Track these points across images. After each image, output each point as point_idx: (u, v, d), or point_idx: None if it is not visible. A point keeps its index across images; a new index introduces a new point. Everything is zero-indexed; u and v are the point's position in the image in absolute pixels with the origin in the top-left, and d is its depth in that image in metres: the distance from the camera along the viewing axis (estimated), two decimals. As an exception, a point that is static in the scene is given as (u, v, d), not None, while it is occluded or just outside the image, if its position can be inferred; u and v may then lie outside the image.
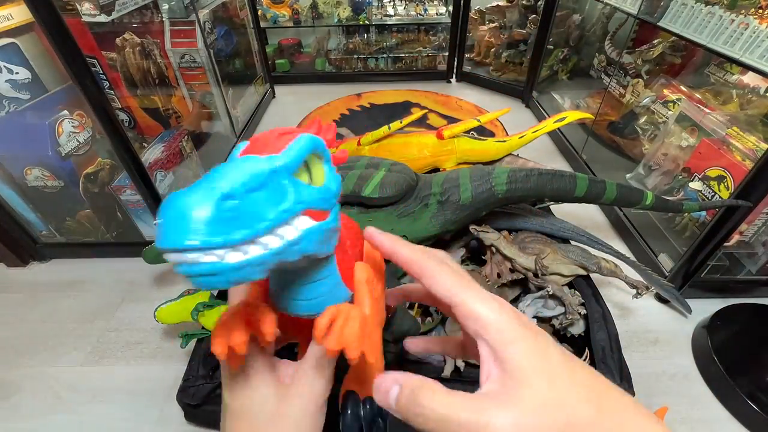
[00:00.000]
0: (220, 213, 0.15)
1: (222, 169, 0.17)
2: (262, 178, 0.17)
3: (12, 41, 0.93)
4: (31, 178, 1.02)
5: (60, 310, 1.06)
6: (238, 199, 0.16)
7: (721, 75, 1.25)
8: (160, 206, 0.16)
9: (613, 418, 0.19)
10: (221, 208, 0.15)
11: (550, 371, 0.19)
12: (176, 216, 0.15)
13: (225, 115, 1.64)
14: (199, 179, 0.17)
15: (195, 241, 0.15)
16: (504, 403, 0.18)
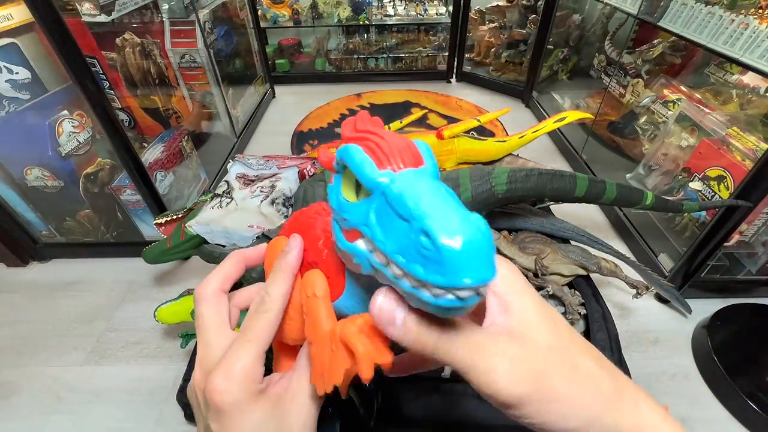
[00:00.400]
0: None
1: (446, 194, 0.16)
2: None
3: (12, 41, 0.93)
4: (31, 178, 1.02)
5: (60, 310, 1.06)
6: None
7: (721, 75, 1.25)
8: (442, 246, 0.14)
9: (613, 375, 0.19)
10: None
11: (554, 322, 0.20)
12: (483, 250, 0.14)
13: (225, 115, 1.64)
14: (440, 199, 0.15)
15: (491, 276, 0.14)
16: (511, 339, 0.18)
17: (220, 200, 0.83)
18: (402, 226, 0.15)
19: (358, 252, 0.18)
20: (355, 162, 0.17)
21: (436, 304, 0.15)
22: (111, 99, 1.02)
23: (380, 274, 0.17)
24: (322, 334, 0.20)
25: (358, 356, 0.18)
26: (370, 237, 0.17)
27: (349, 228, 0.18)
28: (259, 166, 0.92)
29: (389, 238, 0.16)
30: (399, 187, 0.16)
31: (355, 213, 0.17)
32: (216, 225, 0.79)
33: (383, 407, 0.67)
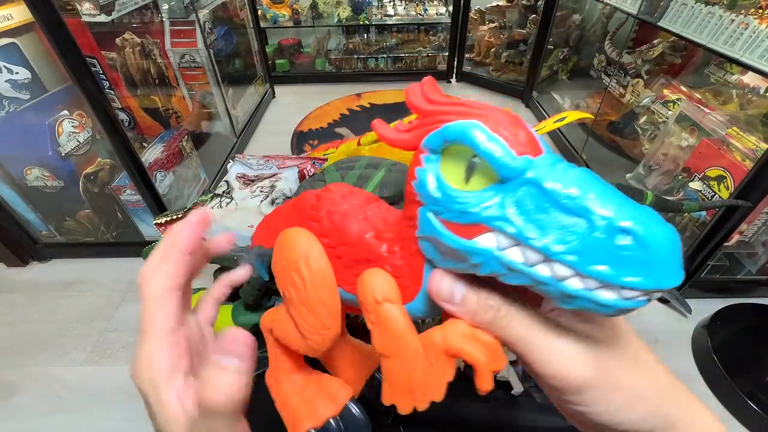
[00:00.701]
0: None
1: (609, 185, 0.14)
2: None
3: (12, 41, 0.93)
4: (31, 178, 1.02)
5: (60, 310, 1.06)
6: None
7: (721, 75, 1.25)
8: (650, 242, 0.12)
9: (668, 371, 0.19)
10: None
11: (632, 334, 0.19)
12: (674, 253, 0.13)
13: (225, 114, 1.64)
14: (612, 192, 0.13)
15: (682, 276, 0.13)
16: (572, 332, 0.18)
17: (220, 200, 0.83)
18: (567, 221, 0.13)
19: (481, 251, 0.15)
20: (486, 143, 0.14)
21: (619, 307, 0.13)
22: (111, 99, 1.02)
23: (512, 275, 0.15)
24: (410, 348, 0.18)
25: (481, 367, 0.16)
26: (514, 234, 0.14)
27: (466, 222, 0.15)
28: (259, 166, 0.92)
29: (548, 235, 0.13)
30: (555, 176, 0.14)
31: (485, 206, 0.15)
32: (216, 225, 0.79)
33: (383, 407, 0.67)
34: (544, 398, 0.69)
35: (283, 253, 0.21)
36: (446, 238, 0.16)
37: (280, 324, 0.23)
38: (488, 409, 0.69)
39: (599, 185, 0.14)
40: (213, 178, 1.44)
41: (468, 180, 0.15)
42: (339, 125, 1.94)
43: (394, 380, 0.18)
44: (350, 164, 0.83)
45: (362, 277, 0.19)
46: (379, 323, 0.18)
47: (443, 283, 0.17)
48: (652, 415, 0.18)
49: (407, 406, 0.18)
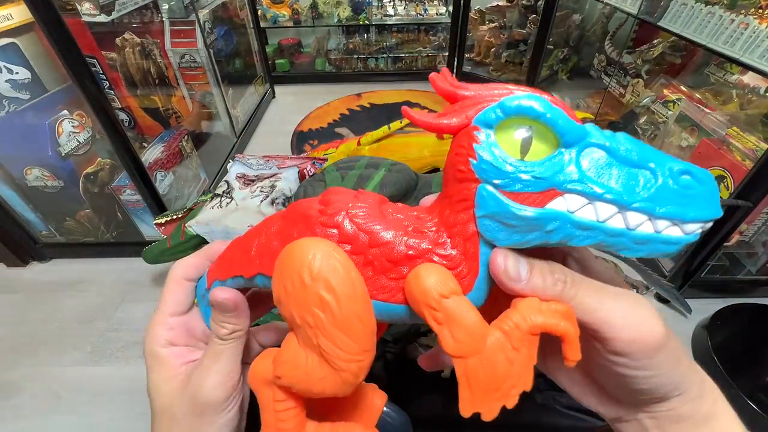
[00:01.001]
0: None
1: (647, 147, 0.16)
2: None
3: (12, 41, 0.93)
4: (31, 178, 1.02)
5: (60, 310, 1.06)
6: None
7: (721, 75, 1.25)
8: (702, 184, 0.15)
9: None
10: None
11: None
12: (717, 190, 0.16)
13: (225, 114, 1.64)
14: (641, 151, 0.16)
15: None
16: (636, 296, 0.18)
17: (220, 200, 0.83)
18: (633, 174, 0.15)
19: (557, 215, 0.16)
20: (553, 112, 0.15)
21: (683, 242, 0.15)
22: (111, 99, 1.02)
23: (584, 235, 0.16)
24: (490, 339, 0.16)
25: (571, 336, 0.16)
26: (589, 193, 0.15)
27: (536, 191, 0.16)
28: (259, 166, 0.92)
29: (620, 188, 0.15)
30: (609, 136, 0.16)
31: (551, 170, 0.15)
32: (216, 225, 0.79)
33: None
34: (544, 398, 0.69)
35: (297, 269, 0.17)
36: (518, 209, 0.16)
37: (295, 365, 0.18)
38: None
39: (640, 143, 0.16)
40: (213, 178, 1.44)
41: (525, 152, 0.16)
42: (339, 125, 1.94)
43: (477, 382, 0.16)
44: (350, 164, 0.83)
45: (417, 274, 0.17)
46: (450, 320, 0.16)
47: (509, 261, 0.17)
48: (686, 374, 0.19)
49: (494, 408, 0.16)
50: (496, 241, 0.17)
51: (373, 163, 0.83)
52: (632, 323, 0.17)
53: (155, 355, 0.24)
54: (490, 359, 0.16)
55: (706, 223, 0.15)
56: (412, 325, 0.68)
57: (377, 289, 0.18)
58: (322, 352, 0.17)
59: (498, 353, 0.16)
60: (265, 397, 0.20)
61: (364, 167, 0.81)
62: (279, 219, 0.21)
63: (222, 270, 0.23)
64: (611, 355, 0.18)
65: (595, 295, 0.17)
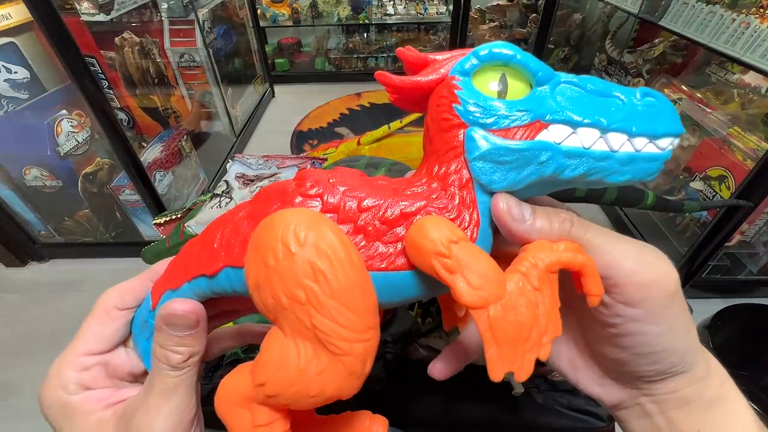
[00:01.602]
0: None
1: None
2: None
3: (11, 41, 0.93)
4: (29, 177, 1.02)
5: (59, 310, 1.06)
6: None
7: (722, 74, 1.25)
8: (662, 103, 0.17)
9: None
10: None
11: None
12: (675, 110, 0.17)
13: (224, 114, 1.64)
14: (606, 85, 0.17)
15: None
16: (646, 245, 0.18)
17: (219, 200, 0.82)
18: (604, 101, 0.17)
19: (547, 145, 0.16)
20: (522, 54, 0.17)
21: (661, 158, 0.17)
22: (110, 98, 1.02)
23: (574, 164, 0.17)
24: (511, 281, 0.15)
25: (589, 268, 0.16)
26: (570, 120, 0.16)
27: (522, 124, 0.16)
28: (258, 165, 0.91)
29: (597, 113, 0.16)
30: (578, 76, 0.17)
31: (533, 104, 0.16)
32: (215, 225, 0.79)
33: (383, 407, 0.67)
34: (545, 398, 0.69)
35: (280, 238, 0.14)
36: (510, 143, 0.16)
37: (283, 363, 0.15)
38: (488, 409, 0.69)
39: (607, 81, 0.17)
40: (212, 177, 1.44)
41: (503, 95, 0.17)
42: (339, 125, 1.93)
43: (503, 334, 0.14)
44: (350, 164, 0.83)
45: (420, 225, 0.16)
46: (463, 266, 0.15)
47: (511, 201, 0.17)
48: (692, 347, 0.18)
49: (527, 361, 0.15)
50: (492, 183, 0.16)
51: (373, 163, 0.82)
52: (645, 266, 0.16)
53: (64, 406, 0.18)
54: (513, 304, 0.15)
55: (675, 137, 0.17)
56: (412, 324, 0.68)
57: (373, 257, 0.16)
58: (319, 335, 0.14)
59: (520, 297, 0.15)
60: (241, 424, 0.17)
61: (364, 167, 0.81)
62: (247, 204, 0.18)
63: (174, 277, 0.19)
64: (623, 306, 0.16)
65: (604, 237, 0.17)
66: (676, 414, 0.18)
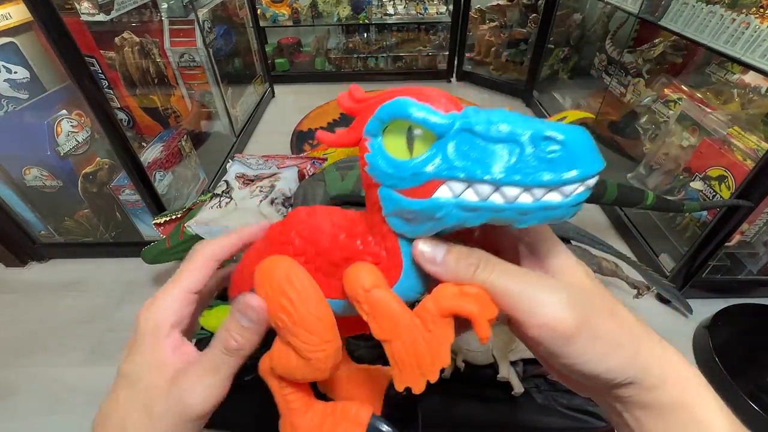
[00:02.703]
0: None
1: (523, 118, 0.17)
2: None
3: (10, 40, 0.93)
4: (29, 177, 1.02)
5: (59, 310, 1.06)
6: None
7: (722, 74, 1.24)
8: (573, 144, 0.15)
9: (641, 321, 0.20)
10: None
11: (585, 268, 0.20)
12: (590, 144, 0.16)
13: (224, 114, 1.64)
14: (523, 117, 0.16)
15: (603, 161, 0.16)
16: (556, 279, 0.19)
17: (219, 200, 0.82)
18: (501, 150, 0.16)
19: (442, 203, 0.17)
20: (417, 110, 0.17)
21: (567, 204, 0.16)
22: (110, 98, 1.02)
23: (473, 216, 0.17)
24: (408, 323, 0.18)
25: (475, 316, 0.17)
26: (469, 176, 0.16)
27: (420, 184, 0.17)
28: (258, 165, 0.91)
29: (490, 166, 0.16)
30: (480, 119, 0.16)
31: (428, 163, 0.17)
32: (215, 225, 0.79)
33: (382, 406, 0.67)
34: (545, 398, 0.69)
35: (265, 282, 0.21)
36: (408, 203, 0.17)
37: (280, 357, 0.22)
38: (488, 409, 0.69)
39: (516, 117, 0.16)
40: (212, 177, 1.44)
41: (411, 150, 0.17)
42: (339, 125, 1.93)
43: (402, 361, 0.19)
44: (350, 164, 0.83)
45: (347, 274, 0.20)
46: (373, 310, 0.19)
47: (426, 246, 0.19)
48: (631, 362, 0.18)
49: (420, 382, 0.18)
50: (406, 234, 0.19)
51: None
52: (540, 309, 0.17)
53: (156, 331, 0.21)
54: (410, 340, 0.18)
55: (583, 181, 0.15)
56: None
57: (329, 289, 0.21)
58: (293, 347, 0.21)
59: (415, 335, 0.18)
60: (273, 385, 0.24)
61: (364, 167, 0.81)
62: (260, 242, 0.25)
63: (236, 287, 0.26)
64: (528, 341, 0.18)
65: (506, 280, 0.18)
66: (640, 415, 0.19)
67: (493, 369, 0.71)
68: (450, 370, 0.69)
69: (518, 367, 0.74)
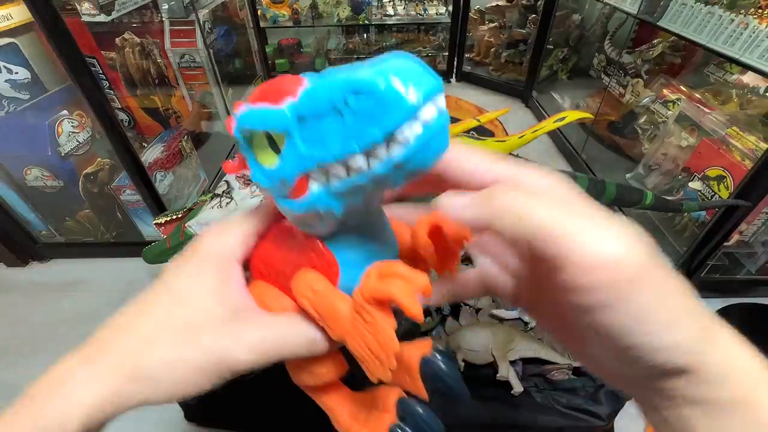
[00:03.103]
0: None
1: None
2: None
3: (12, 41, 0.93)
4: (30, 178, 1.02)
5: (60, 310, 1.06)
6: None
7: (720, 75, 1.25)
8: (376, 77, 0.13)
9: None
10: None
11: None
12: (413, 64, 0.14)
13: (225, 114, 1.64)
14: (346, 68, 0.14)
15: (437, 80, 0.14)
16: (605, 213, 0.14)
17: (219, 200, 0.83)
18: (335, 123, 0.14)
19: (317, 196, 0.16)
20: (255, 119, 0.16)
21: (417, 148, 0.14)
22: (111, 99, 1.02)
23: (352, 196, 0.16)
24: (349, 318, 0.18)
25: (397, 295, 0.16)
26: (319, 162, 0.15)
27: (292, 184, 0.16)
28: (258, 166, 0.92)
29: (334, 144, 0.14)
30: (306, 100, 0.15)
31: (290, 162, 0.16)
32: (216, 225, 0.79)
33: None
34: (544, 398, 0.69)
35: (303, 288, 0.21)
36: (294, 207, 0.17)
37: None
38: (488, 409, 0.69)
39: (336, 77, 0.14)
40: (213, 177, 1.44)
41: (277, 156, 0.17)
42: (339, 125, 1.93)
43: (361, 356, 0.18)
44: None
45: (291, 286, 0.19)
46: (320, 313, 0.18)
47: (450, 200, 0.16)
48: (695, 344, 0.14)
49: (382, 371, 0.18)
50: (319, 233, 0.19)
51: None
52: (595, 243, 0.13)
53: (222, 260, 0.19)
54: (359, 335, 0.18)
55: (415, 118, 0.13)
56: (412, 324, 0.68)
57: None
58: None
59: (359, 329, 0.18)
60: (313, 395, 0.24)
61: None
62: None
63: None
64: (571, 293, 0.13)
65: (544, 209, 0.14)
66: (690, 412, 0.15)
67: (493, 368, 0.71)
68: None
69: (517, 367, 0.75)
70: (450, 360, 0.21)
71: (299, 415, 0.70)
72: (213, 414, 0.73)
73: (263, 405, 0.71)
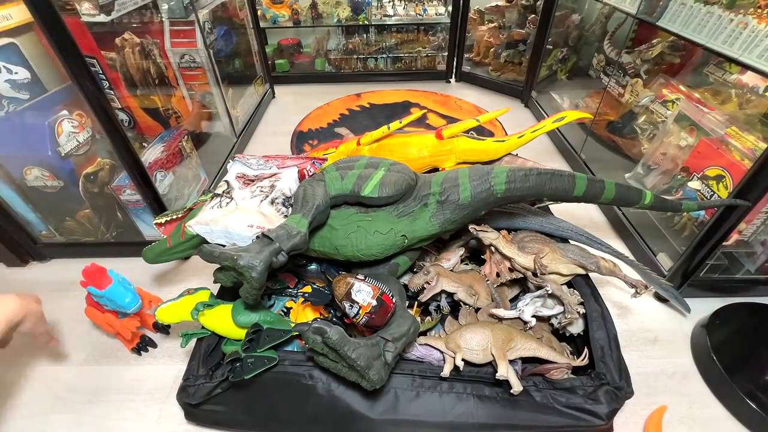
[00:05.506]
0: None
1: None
2: None
3: (11, 41, 0.93)
4: (30, 178, 1.02)
5: (60, 310, 1.06)
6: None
7: (720, 74, 1.25)
8: None
9: None
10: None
11: None
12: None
13: (225, 115, 1.65)
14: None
15: None
16: None
17: (219, 200, 0.83)
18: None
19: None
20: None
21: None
22: (111, 99, 1.02)
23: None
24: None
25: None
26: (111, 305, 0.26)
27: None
28: (258, 165, 0.92)
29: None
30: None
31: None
32: (216, 225, 0.79)
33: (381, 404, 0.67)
34: (543, 397, 0.70)
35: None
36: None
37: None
38: (488, 409, 0.70)
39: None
40: (213, 178, 1.44)
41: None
42: (339, 125, 1.94)
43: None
44: (350, 164, 0.83)
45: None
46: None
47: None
48: None
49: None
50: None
51: (372, 163, 0.83)
52: None
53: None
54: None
55: None
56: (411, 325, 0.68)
57: None
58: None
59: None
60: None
61: (364, 167, 0.81)
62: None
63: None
64: None
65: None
66: None
67: (492, 367, 0.71)
68: (450, 368, 0.70)
69: (517, 366, 0.75)
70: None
71: (299, 415, 0.70)
72: (213, 414, 0.73)
73: (263, 405, 0.71)
